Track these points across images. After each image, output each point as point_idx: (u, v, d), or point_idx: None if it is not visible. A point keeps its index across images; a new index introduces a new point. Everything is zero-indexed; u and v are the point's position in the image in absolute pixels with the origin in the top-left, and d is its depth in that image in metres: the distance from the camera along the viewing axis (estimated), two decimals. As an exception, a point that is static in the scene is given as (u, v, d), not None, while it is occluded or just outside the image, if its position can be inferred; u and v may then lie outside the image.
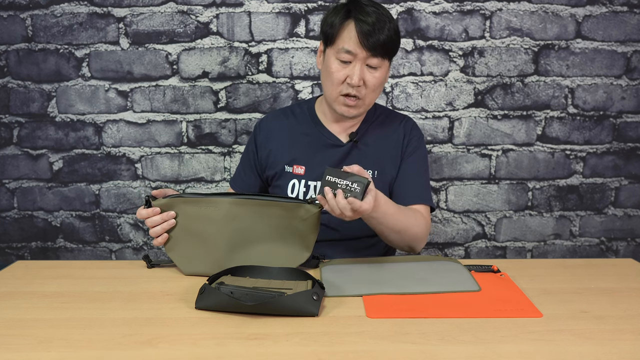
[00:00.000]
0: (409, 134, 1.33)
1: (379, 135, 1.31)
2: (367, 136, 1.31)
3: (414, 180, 1.30)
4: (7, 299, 0.96)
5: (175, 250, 1.08)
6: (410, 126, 1.34)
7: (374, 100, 1.26)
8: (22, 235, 1.97)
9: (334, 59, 1.20)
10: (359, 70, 1.17)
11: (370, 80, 1.19)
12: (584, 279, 1.06)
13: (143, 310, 0.91)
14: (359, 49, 1.16)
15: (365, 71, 1.18)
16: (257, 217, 1.05)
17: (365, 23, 1.14)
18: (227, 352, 0.76)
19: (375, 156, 1.29)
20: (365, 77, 1.18)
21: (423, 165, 1.33)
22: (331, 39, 1.20)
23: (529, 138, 1.92)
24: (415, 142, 1.32)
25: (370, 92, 1.21)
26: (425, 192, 1.30)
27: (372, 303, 0.92)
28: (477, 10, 1.84)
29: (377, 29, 1.15)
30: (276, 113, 1.38)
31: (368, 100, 1.23)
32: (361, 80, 1.18)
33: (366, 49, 1.15)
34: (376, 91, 1.22)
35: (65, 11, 1.82)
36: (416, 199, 1.27)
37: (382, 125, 1.33)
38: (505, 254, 2.00)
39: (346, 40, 1.17)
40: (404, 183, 1.30)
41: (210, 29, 1.83)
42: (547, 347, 0.78)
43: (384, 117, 1.34)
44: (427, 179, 1.33)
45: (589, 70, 1.88)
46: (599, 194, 1.97)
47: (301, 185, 1.27)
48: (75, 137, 1.90)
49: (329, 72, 1.21)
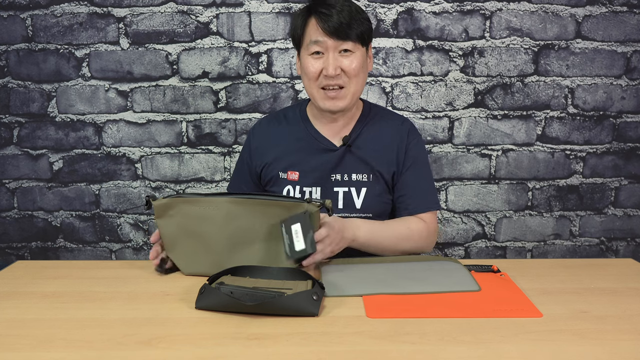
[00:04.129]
0: (407, 139, 1.29)
1: (372, 138, 1.28)
2: (360, 139, 1.28)
3: (416, 189, 1.28)
4: (7, 299, 0.96)
5: (175, 250, 1.08)
6: (407, 130, 1.30)
7: (359, 89, 1.22)
8: (22, 235, 1.97)
9: (306, 56, 1.20)
10: (332, 59, 1.16)
11: (347, 65, 1.17)
12: (584, 279, 1.06)
13: (143, 310, 0.91)
14: (325, 37, 1.16)
15: (340, 58, 1.17)
16: (257, 216, 1.04)
17: (324, 11, 1.15)
18: (227, 352, 0.76)
19: (370, 159, 1.27)
20: (342, 64, 1.17)
21: (424, 171, 1.30)
22: (299, 39, 1.21)
23: (529, 138, 1.92)
24: (414, 149, 1.29)
25: (352, 78, 1.19)
26: (428, 199, 1.28)
27: (372, 303, 0.92)
28: (477, 10, 1.84)
29: (337, 12, 1.15)
30: (269, 118, 1.36)
31: (352, 89, 1.20)
32: (337, 69, 1.17)
33: (331, 34, 1.15)
34: (358, 77, 1.20)
35: (65, 11, 1.82)
36: (419, 208, 1.26)
37: (376, 126, 1.30)
38: (505, 254, 2.00)
39: (312, 33, 1.17)
40: (407, 194, 1.28)
41: (210, 29, 1.83)
42: (547, 347, 0.78)
43: (378, 118, 1.31)
44: (429, 184, 1.30)
45: (589, 70, 1.88)
46: (599, 194, 1.97)
47: (296, 192, 1.27)
48: (75, 137, 1.90)
49: (305, 70, 1.20)
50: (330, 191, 1.26)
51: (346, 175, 1.26)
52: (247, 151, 1.35)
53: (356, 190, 1.26)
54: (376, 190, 1.27)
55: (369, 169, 1.27)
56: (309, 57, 1.19)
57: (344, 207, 1.27)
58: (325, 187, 1.27)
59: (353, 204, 1.26)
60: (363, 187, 1.26)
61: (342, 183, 1.26)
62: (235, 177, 1.39)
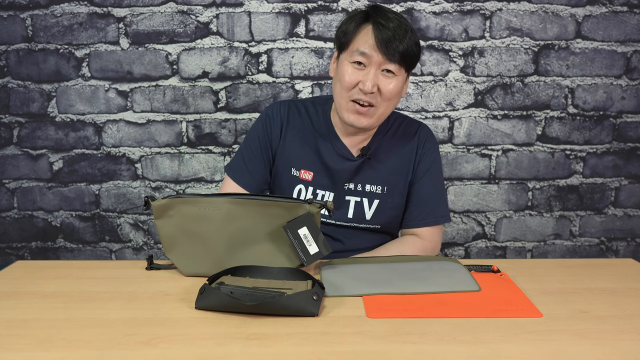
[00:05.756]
0: (423, 147, 1.26)
1: (391, 150, 1.25)
2: (379, 151, 1.24)
3: (421, 203, 1.26)
4: (7, 299, 0.96)
5: (174, 251, 1.08)
6: (425, 138, 1.27)
7: (388, 112, 1.18)
8: (22, 235, 1.97)
9: (347, 62, 1.13)
10: (373, 75, 1.10)
11: (386, 87, 1.11)
12: (584, 279, 1.06)
13: (143, 310, 0.91)
14: (374, 51, 1.09)
15: (380, 77, 1.11)
16: (256, 217, 1.04)
17: (385, 28, 1.08)
18: (227, 352, 0.76)
19: (386, 172, 1.24)
20: (380, 83, 1.11)
21: (437, 182, 1.27)
22: (345, 43, 1.13)
23: (529, 138, 1.92)
24: (429, 157, 1.26)
25: (385, 101, 1.13)
26: (435, 212, 1.25)
27: (372, 303, 0.92)
28: (477, 10, 1.84)
29: (398, 35, 1.08)
30: (290, 105, 1.27)
31: (381, 111, 1.15)
32: (375, 87, 1.11)
33: (383, 53, 1.08)
34: (391, 102, 1.14)
35: (65, 11, 1.82)
36: (424, 222, 1.25)
37: (395, 137, 1.26)
38: (505, 254, 2.00)
39: (361, 43, 1.10)
40: (412, 206, 1.26)
41: (210, 29, 1.83)
42: (547, 347, 0.78)
43: (396, 127, 1.27)
44: (441, 195, 1.28)
45: (589, 70, 1.88)
46: (599, 194, 1.97)
47: (308, 193, 1.24)
48: (75, 137, 1.90)
49: (340, 76, 1.13)
50: (342, 199, 1.24)
51: (360, 186, 1.24)
52: (264, 128, 1.25)
53: (368, 201, 1.24)
54: (389, 203, 1.25)
55: (385, 181, 1.24)
56: (350, 65, 1.12)
57: (353, 217, 1.25)
58: (337, 194, 1.24)
59: (363, 214, 1.25)
60: (376, 199, 1.24)
61: (355, 193, 1.24)
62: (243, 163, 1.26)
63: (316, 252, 1.01)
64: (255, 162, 1.26)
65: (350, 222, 1.25)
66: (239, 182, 1.25)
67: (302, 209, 1.03)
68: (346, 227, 1.26)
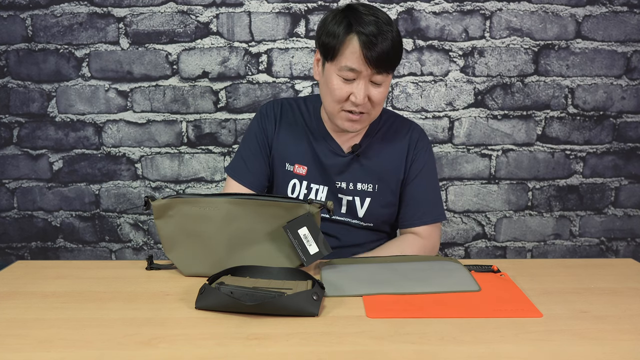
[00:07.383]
0: (415, 146, 1.27)
1: (382, 148, 1.26)
2: (370, 149, 1.26)
3: (418, 202, 1.26)
4: (7, 299, 0.96)
5: (174, 251, 1.08)
6: (416, 138, 1.28)
7: (379, 112, 1.21)
8: (22, 235, 1.97)
9: (335, 75, 1.13)
10: (364, 87, 1.11)
11: (375, 95, 1.14)
12: (584, 279, 1.06)
13: (143, 310, 0.91)
14: (363, 66, 1.09)
15: (370, 87, 1.13)
16: (256, 217, 1.04)
17: (372, 44, 1.07)
18: (227, 352, 0.76)
19: (377, 169, 1.25)
20: (370, 93, 1.13)
21: (431, 181, 1.28)
22: (332, 54, 1.12)
23: (529, 138, 1.92)
24: (422, 157, 1.27)
25: (376, 106, 1.16)
26: (431, 211, 1.26)
27: (372, 303, 0.92)
28: (477, 10, 1.84)
29: (382, 40, 1.08)
30: (283, 103, 1.30)
31: (374, 114, 1.18)
32: (366, 98, 1.13)
33: (371, 65, 1.09)
34: (381, 104, 1.17)
35: (65, 11, 1.82)
36: (417, 221, 1.26)
37: (386, 136, 1.27)
38: (505, 254, 2.00)
39: (349, 58, 1.10)
40: (408, 206, 1.27)
41: (210, 29, 1.83)
42: (547, 347, 0.78)
43: (388, 126, 1.28)
44: (433, 195, 1.28)
45: (589, 70, 1.88)
46: (599, 194, 1.97)
47: (302, 187, 1.25)
48: (75, 137, 1.90)
49: (330, 89, 1.14)
50: (335, 196, 1.26)
51: (351, 184, 1.25)
52: (260, 126, 1.28)
53: (360, 200, 1.25)
54: (381, 201, 1.25)
55: (376, 179, 1.25)
56: (338, 78, 1.13)
57: (347, 212, 1.26)
58: (330, 190, 1.25)
59: (355, 212, 1.26)
60: (368, 197, 1.25)
61: (346, 191, 1.25)
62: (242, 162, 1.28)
63: (316, 252, 1.01)
64: (255, 160, 1.27)
65: (345, 217, 1.26)
66: (241, 182, 1.27)
67: (302, 209, 1.03)
68: (341, 224, 1.27)
